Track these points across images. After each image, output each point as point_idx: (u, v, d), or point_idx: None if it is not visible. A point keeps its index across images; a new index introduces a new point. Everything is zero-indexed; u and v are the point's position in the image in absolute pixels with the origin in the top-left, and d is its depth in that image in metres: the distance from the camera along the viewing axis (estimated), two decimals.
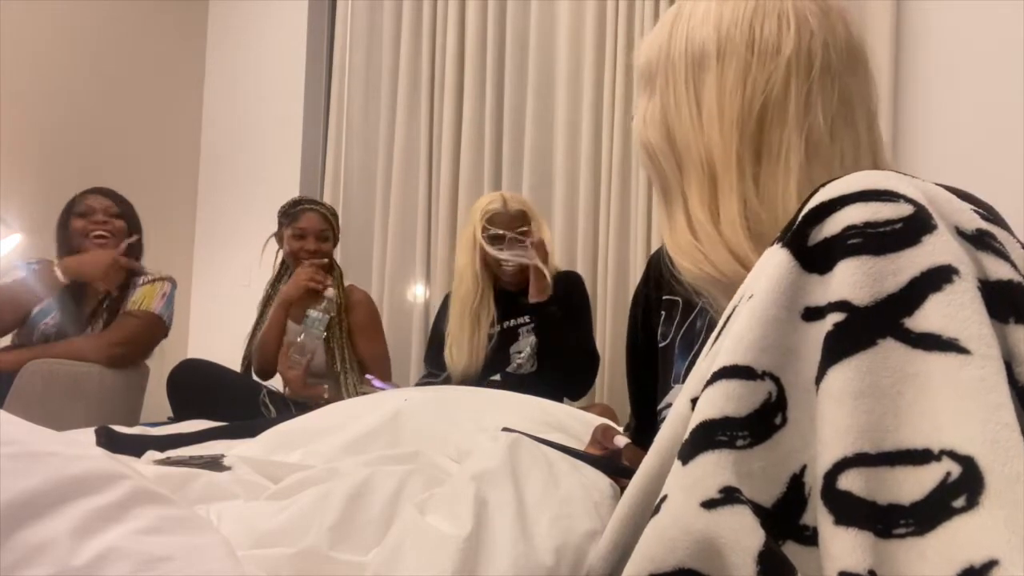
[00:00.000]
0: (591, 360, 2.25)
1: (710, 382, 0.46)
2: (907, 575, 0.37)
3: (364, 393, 2.02)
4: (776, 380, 0.44)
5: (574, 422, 1.37)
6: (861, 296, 0.42)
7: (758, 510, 0.42)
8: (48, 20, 3.05)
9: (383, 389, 2.08)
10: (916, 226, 0.43)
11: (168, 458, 1.21)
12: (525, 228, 2.20)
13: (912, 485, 0.38)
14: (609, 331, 2.60)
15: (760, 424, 0.44)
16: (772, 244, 0.48)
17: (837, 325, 0.42)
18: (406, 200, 3.07)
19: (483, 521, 0.65)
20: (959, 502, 0.37)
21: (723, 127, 0.68)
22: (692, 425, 0.45)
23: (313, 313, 2.28)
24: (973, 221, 0.45)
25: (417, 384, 2.41)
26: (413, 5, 3.11)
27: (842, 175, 0.55)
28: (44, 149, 3.02)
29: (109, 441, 1.49)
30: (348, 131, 3.27)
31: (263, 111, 3.45)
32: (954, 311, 0.40)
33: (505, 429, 0.96)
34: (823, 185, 0.48)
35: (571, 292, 2.28)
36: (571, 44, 2.76)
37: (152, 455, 1.25)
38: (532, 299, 2.19)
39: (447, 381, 2.25)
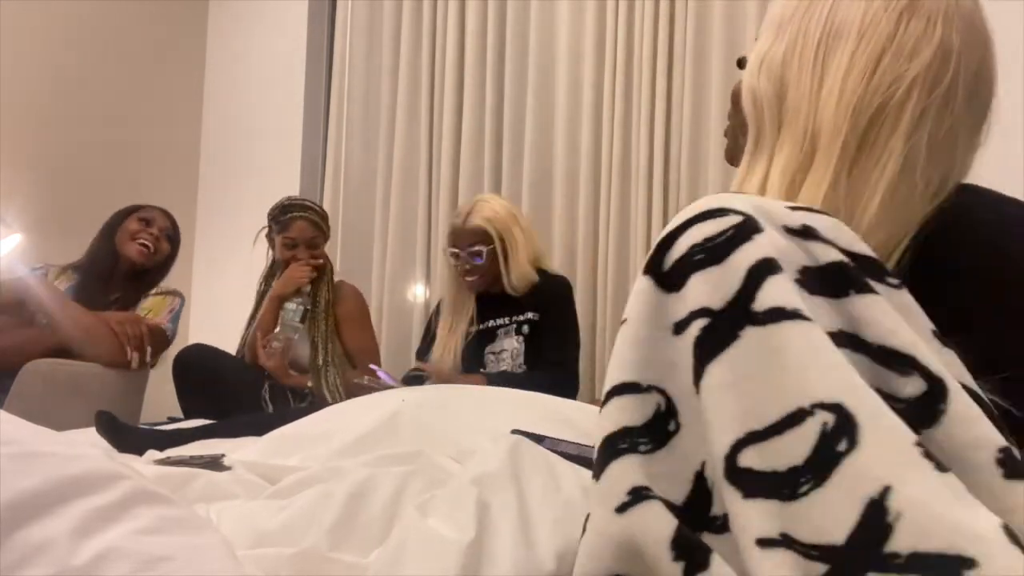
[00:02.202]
0: (567, 378, 2.21)
1: (603, 403, 0.50)
2: (819, 527, 0.40)
3: (366, 386, 2.02)
4: (662, 391, 0.49)
5: (582, 416, 1.36)
6: (715, 300, 0.47)
7: (670, 507, 0.45)
8: (48, 20, 3.05)
9: (387, 379, 2.07)
10: (747, 229, 0.49)
11: (168, 458, 1.21)
12: (480, 247, 2.23)
13: (800, 444, 0.42)
14: (609, 331, 2.60)
15: (657, 431, 0.48)
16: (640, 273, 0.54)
17: (703, 329, 0.47)
18: (406, 200, 3.07)
19: (485, 526, 0.65)
20: (842, 445, 0.40)
21: (839, 107, 0.67)
22: (596, 444, 0.49)
23: (289, 305, 2.32)
24: (799, 220, 0.51)
25: (404, 377, 2.40)
26: (413, 5, 3.11)
27: (923, 193, 0.64)
28: (44, 150, 3.02)
29: (109, 427, 1.49)
30: (348, 131, 3.27)
31: (263, 111, 3.45)
32: (787, 289, 0.46)
33: (515, 432, 0.95)
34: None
35: (553, 299, 2.27)
36: (571, 44, 2.76)
37: (152, 455, 1.25)
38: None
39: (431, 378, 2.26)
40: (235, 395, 2.15)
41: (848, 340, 0.46)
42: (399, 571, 0.62)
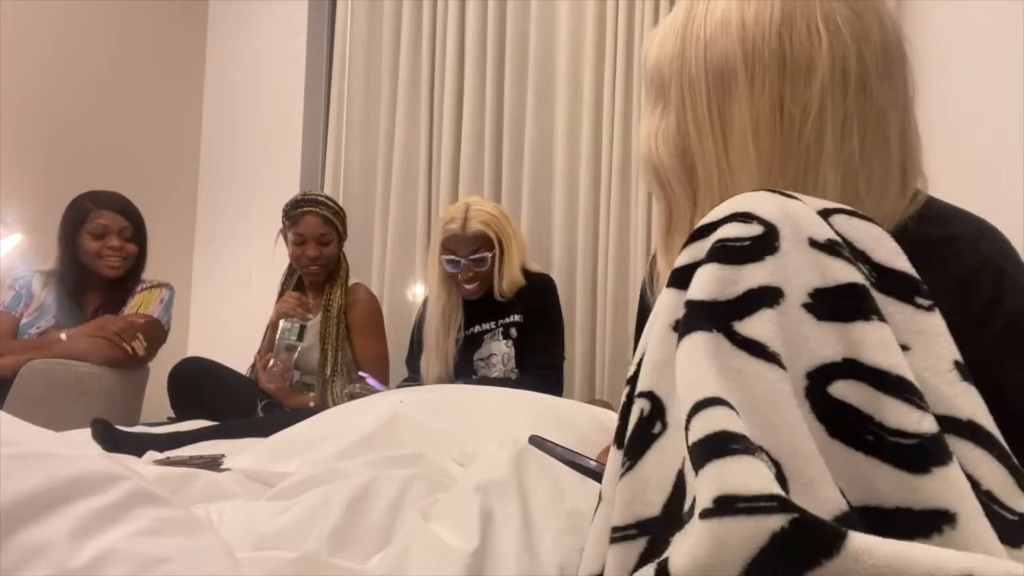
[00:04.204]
0: (554, 381, 2.19)
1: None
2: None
3: (356, 394, 2.00)
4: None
5: (582, 417, 1.36)
6: (709, 293, 0.45)
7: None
8: (48, 21, 3.05)
9: (377, 388, 2.06)
10: (761, 245, 0.46)
11: (168, 458, 1.21)
12: (483, 253, 2.18)
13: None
14: (609, 331, 2.60)
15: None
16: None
17: (686, 313, 0.46)
18: (406, 200, 3.07)
19: (488, 535, 0.64)
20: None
21: (761, 165, 0.62)
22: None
23: (284, 323, 2.25)
24: (826, 233, 0.48)
25: (399, 387, 2.38)
26: (413, 5, 3.11)
27: (867, 197, 0.60)
28: (44, 150, 3.02)
29: (105, 435, 1.49)
30: (348, 131, 3.26)
31: (263, 111, 3.45)
32: (778, 328, 0.44)
33: (534, 437, 0.95)
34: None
35: (538, 299, 2.24)
36: (571, 44, 2.76)
37: (152, 455, 1.25)
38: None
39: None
40: (231, 407, 2.13)
41: (849, 367, 0.44)
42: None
